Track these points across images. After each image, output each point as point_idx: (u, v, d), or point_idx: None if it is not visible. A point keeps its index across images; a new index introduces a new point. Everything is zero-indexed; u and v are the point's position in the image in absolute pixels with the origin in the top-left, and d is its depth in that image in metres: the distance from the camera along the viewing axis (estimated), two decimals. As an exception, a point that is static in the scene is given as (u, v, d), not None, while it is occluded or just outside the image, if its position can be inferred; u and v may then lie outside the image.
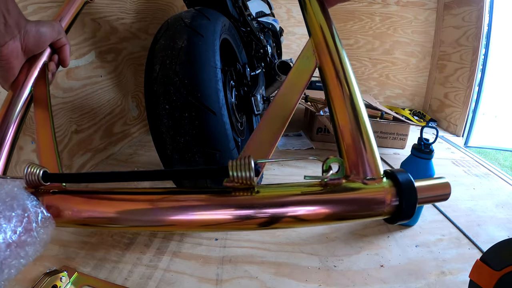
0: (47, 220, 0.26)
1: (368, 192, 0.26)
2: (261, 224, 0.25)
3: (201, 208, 0.26)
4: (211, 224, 0.26)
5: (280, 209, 0.25)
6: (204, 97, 0.62)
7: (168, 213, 0.26)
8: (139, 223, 0.27)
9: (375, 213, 0.26)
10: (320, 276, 0.69)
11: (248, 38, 1.13)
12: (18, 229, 0.22)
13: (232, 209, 0.25)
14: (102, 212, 0.28)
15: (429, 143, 0.81)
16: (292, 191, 0.26)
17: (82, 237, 0.77)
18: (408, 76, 2.27)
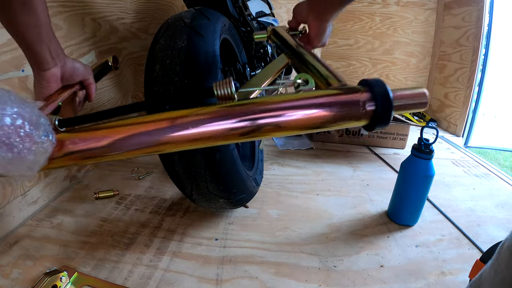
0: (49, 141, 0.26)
1: (343, 95, 0.27)
2: (244, 132, 0.26)
3: (191, 122, 0.27)
4: (199, 137, 0.27)
5: (259, 115, 0.26)
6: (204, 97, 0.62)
7: (161, 132, 0.27)
8: (134, 147, 0.28)
9: (353, 116, 0.27)
10: (320, 276, 0.69)
11: (248, 38, 1.13)
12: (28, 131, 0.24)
13: (217, 118, 0.26)
14: (99, 140, 0.28)
15: (429, 143, 0.81)
16: (269, 99, 0.27)
17: (82, 237, 0.77)
18: (408, 76, 2.27)
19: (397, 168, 1.14)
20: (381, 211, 0.95)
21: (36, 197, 0.86)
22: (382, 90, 0.28)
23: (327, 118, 0.26)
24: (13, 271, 0.65)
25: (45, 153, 0.26)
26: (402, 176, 0.87)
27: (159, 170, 1.13)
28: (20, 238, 0.75)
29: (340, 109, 0.26)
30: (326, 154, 1.40)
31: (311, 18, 0.57)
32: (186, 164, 0.66)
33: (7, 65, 0.73)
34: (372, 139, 1.52)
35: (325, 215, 0.92)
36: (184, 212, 0.90)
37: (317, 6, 0.56)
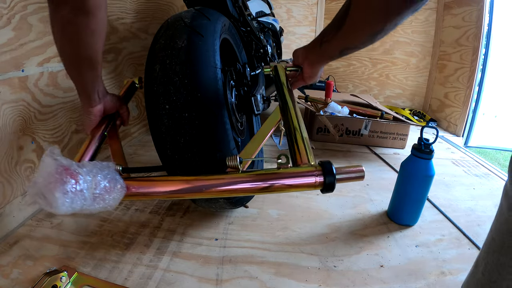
0: (122, 188, 0.41)
1: (305, 171, 0.41)
2: (242, 190, 0.43)
3: (211, 182, 0.44)
4: (214, 190, 0.43)
5: (249, 182, 0.43)
6: (204, 97, 0.62)
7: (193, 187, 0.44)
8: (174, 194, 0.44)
9: (310, 186, 0.41)
10: (320, 276, 0.69)
11: (248, 38, 1.13)
12: (105, 185, 0.38)
13: (226, 181, 0.43)
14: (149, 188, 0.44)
15: (429, 143, 0.81)
16: (257, 173, 0.43)
17: (82, 237, 0.77)
18: (408, 76, 2.27)
19: (397, 168, 1.14)
20: (381, 211, 0.95)
21: (36, 197, 0.86)
22: (329, 169, 0.41)
23: (294, 186, 0.42)
24: (13, 271, 0.65)
25: (120, 196, 0.40)
26: (402, 176, 0.87)
27: (159, 170, 1.13)
28: (20, 238, 0.75)
29: (303, 181, 0.41)
30: (326, 154, 1.40)
31: (306, 64, 0.69)
32: (186, 164, 0.66)
33: (7, 65, 0.73)
34: (372, 139, 1.53)
35: (325, 215, 0.92)
36: (184, 212, 0.90)
37: (311, 56, 0.68)
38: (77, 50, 0.49)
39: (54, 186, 0.33)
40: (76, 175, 0.34)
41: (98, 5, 0.45)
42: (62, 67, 0.55)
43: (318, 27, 2.11)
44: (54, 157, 0.35)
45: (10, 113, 0.75)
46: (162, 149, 0.66)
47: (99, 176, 0.37)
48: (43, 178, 0.33)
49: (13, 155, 0.77)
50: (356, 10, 0.52)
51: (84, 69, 0.52)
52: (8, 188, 0.76)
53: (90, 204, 0.36)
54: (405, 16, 0.48)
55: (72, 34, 0.45)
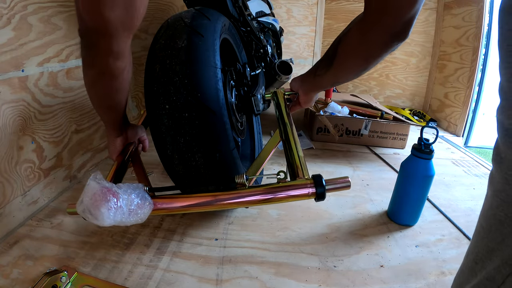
0: (150, 204, 0.48)
1: (300, 185, 0.49)
2: (249, 202, 0.50)
3: (223, 197, 0.51)
4: (226, 203, 0.51)
5: (255, 195, 0.50)
6: (204, 97, 0.62)
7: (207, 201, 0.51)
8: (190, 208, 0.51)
9: (304, 196, 0.49)
10: (320, 276, 0.69)
11: (248, 38, 1.13)
12: (138, 202, 0.46)
13: (235, 196, 0.50)
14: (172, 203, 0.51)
15: (429, 143, 0.81)
16: (261, 188, 0.50)
17: (82, 237, 0.77)
18: (408, 76, 2.27)
19: (397, 168, 1.14)
20: (381, 211, 0.95)
21: (36, 197, 0.87)
22: (319, 182, 0.48)
23: (291, 197, 0.49)
24: (13, 271, 0.65)
25: (149, 211, 0.48)
26: (402, 176, 0.87)
27: (159, 170, 1.13)
28: (20, 238, 0.75)
29: (298, 192, 0.49)
30: (326, 154, 1.40)
31: (301, 91, 0.79)
32: (186, 164, 0.66)
33: (7, 65, 0.74)
34: (372, 139, 1.53)
35: (325, 215, 0.92)
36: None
37: (305, 85, 0.77)
38: (103, 102, 0.56)
39: (100, 203, 0.40)
40: (116, 195, 0.42)
41: (121, 69, 0.51)
42: (62, 67, 0.56)
43: (318, 27, 2.11)
44: (97, 181, 0.43)
45: (10, 113, 0.76)
46: (162, 149, 0.66)
47: (133, 195, 0.45)
48: (89, 198, 0.41)
49: (13, 155, 0.77)
50: (342, 56, 0.61)
51: (109, 113, 0.59)
52: (8, 188, 0.76)
53: (127, 218, 0.44)
54: (384, 57, 0.56)
55: (98, 91, 0.53)
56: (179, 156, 0.65)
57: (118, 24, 0.43)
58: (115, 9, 0.41)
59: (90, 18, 0.42)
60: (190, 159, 0.64)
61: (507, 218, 0.30)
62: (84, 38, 0.46)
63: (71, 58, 0.95)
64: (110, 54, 0.47)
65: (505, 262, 0.29)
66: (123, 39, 0.47)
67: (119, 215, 0.42)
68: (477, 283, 0.33)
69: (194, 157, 0.64)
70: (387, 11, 0.48)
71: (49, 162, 0.91)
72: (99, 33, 0.44)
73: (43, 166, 0.88)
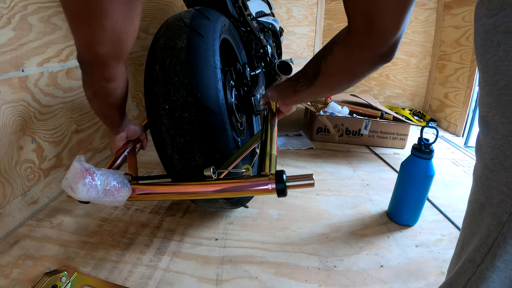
0: (129, 190, 0.53)
1: (261, 181, 0.50)
2: (214, 193, 0.53)
3: (191, 189, 0.54)
4: (194, 193, 0.54)
5: (219, 187, 0.52)
6: (204, 97, 0.62)
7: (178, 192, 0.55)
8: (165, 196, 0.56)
9: (265, 191, 0.50)
10: (320, 276, 0.69)
11: (248, 38, 1.13)
12: (114, 185, 0.51)
13: (201, 188, 0.54)
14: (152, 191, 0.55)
15: (429, 143, 0.81)
16: (225, 181, 0.53)
17: (82, 237, 0.77)
18: (408, 76, 2.27)
19: (397, 168, 1.14)
20: (381, 211, 0.95)
21: (36, 197, 0.87)
22: (279, 177, 0.49)
23: (253, 191, 0.51)
24: (13, 271, 0.65)
25: (127, 195, 0.52)
26: (402, 176, 0.87)
27: (159, 170, 1.13)
28: (20, 238, 0.75)
29: (259, 187, 0.50)
30: (326, 154, 1.40)
31: (280, 103, 0.78)
32: (186, 164, 0.66)
33: (7, 65, 0.74)
34: (372, 139, 1.53)
35: (325, 215, 0.92)
36: (184, 212, 0.90)
37: (284, 98, 0.75)
38: (101, 112, 0.63)
39: (78, 180, 0.47)
40: (92, 174, 0.48)
41: (114, 89, 0.57)
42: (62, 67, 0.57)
43: (318, 27, 2.11)
44: (80, 162, 0.49)
45: (10, 113, 0.76)
46: (162, 149, 0.66)
47: (110, 177, 0.51)
48: (71, 175, 0.48)
49: (13, 155, 0.77)
50: (325, 75, 0.60)
51: (108, 120, 0.65)
52: (8, 188, 0.76)
53: (102, 196, 0.49)
54: (368, 74, 0.57)
55: (95, 105, 0.60)
56: (179, 156, 0.65)
57: (107, 56, 0.49)
58: (105, 45, 0.47)
59: (84, 51, 0.49)
60: (190, 159, 0.64)
61: (487, 201, 0.31)
62: (81, 64, 0.52)
63: (71, 58, 0.95)
64: (103, 78, 0.53)
65: (483, 242, 0.30)
66: (113, 66, 0.52)
67: (93, 192, 0.48)
68: (461, 265, 0.34)
69: (194, 157, 0.64)
70: (372, 34, 0.48)
71: (49, 162, 0.91)
72: (92, 63, 0.50)
73: (43, 166, 0.88)
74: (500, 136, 0.28)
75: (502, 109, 0.28)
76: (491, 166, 0.30)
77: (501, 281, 0.29)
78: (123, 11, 0.44)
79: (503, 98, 0.27)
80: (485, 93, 0.30)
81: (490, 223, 0.30)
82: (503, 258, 0.29)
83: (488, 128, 0.30)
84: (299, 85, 0.67)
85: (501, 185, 0.29)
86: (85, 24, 0.43)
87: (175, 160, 0.66)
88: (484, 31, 0.29)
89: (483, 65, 0.30)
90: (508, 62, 0.26)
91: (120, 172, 0.54)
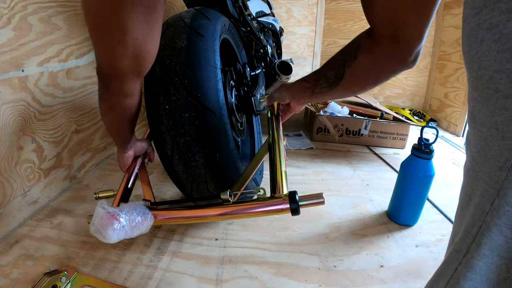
0: (151, 218, 0.55)
1: (276, 202, 0.54)
2: (232, 216, 0.56)
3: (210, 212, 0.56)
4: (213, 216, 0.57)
5: (237, 210, 0.55)
6: (204, 97, 0.62)
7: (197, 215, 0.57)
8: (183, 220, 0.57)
9: (281, 210, 0.53)
10: (320, 276, 0.69)
11: (248, 38, 1.13)
12: (139, 220, 0.53)
13: (220, 211, 0.56)
14: (171, 216, 0.57)
15: (429, 143, 0.81)
16: (243, 204, 0.55)
17: (82, 237, 0.77)
18: (408, 76, 2.27)
19: (397, 168, 1.14)
20: (381, 211, 0.95)
21: (36, 197, 0.87)
22: (293, 198, 0.52)
23: (269, 212, 0.54)
24: (13, 271, 0.65)
25: (150, 224, 0.55)
26: (402, 176, 0.87)
27: (159, 170, 1.13)
28: (20, 238, 0.75)
29: (275, 208, 0.54)
30: (326, 154, 1.40)
31: (294, 103, 0.79)
32: (186, 164, 0.66)
33: (7, 65, 0.74)
34: (372, 139, 1.53)
35: (325, 215, 0.92)
36: (184, 212, 0.90)
37: (300, 98, 0.75)
38: (113, 128, 0.63)
39: (106, 226, 0.49)
40: (118, 217, 0.51)
41: (130, 105, 0.57)
42: (62, 67, 0.57)
43: (318, 27, 2.11)
44: (103, 206, 0.51)
45: (10, 113, 0.76)
46: (162, 149, 0.67)
47: (134, 214, 0.53)
48: (97, 222, 0.50)
49: (13, 155, 0.77)
50: (350, 80, 0.61)
51: (118, 136, 0.65)
52: (8, 188, 0.76)
53: (130, 233, 0.53)
54: (391, 78, 0.59)
55: (109, 119, 0.59)
56: (179, 156, 0.65)
57: (128, 71, 0.50)
58: (125, 60, 0.47)
59: (104, 65, 0.49)
60: (190, 159, 0.64)
61: (473, 192, 0.31)
62: (99, 77, 0.53)
63: (71, 58, 0.95)
64: (121, 93, 0.54)
65: (468, 232, 0.31)
66: (132, 82, 0.53)
67: (122, 233, 0.51)
68: (448, 256, 0.35)
69: (194, 157, 0.64)
70: (399, 43, 0.51)
71: (49, 162, 0.91)
72: (112, 76, 0.51)
73: (43, 166, 0.88)
74: (485, 129, 0.29)
75: (486, 102, 0.29)
76: (477, 158, 0.31)
77: (488, 267, 0.30)
78: (145, 28, 0.45)
79: (487, 92, 0.28)
80: (472, 88, 0.32)
81: (474, 213, 0.31)
82: (489, 246, 0.29)
83: (475, 122, 0.31)
84: (319, 87, 0.66)
85: (485, 176, 0.29)
86: (106, 38, 0.44)
87: (175, 160, 0.66)
88: (469, 29, 0.30)
89: (469, 62, 0.31)
90: (491, 56, 0.27)
91: (139, 204, 0.56)
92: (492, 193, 0.28)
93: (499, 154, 0.27)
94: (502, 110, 0.27)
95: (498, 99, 0.27)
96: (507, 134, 0.27)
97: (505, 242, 0.28)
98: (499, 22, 0.26)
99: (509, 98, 0.26)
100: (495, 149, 0.28)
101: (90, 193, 0.97)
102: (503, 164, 0.27)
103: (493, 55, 0.27)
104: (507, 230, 0.28)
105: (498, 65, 0.27)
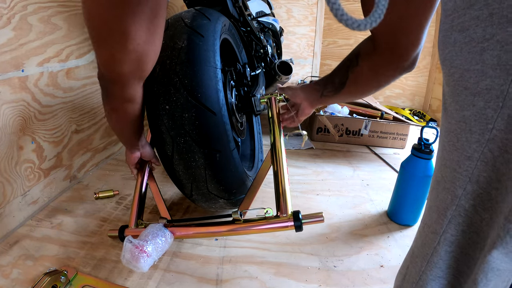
0: (171, 237, 0.63)
1: (281, 220, 0.61)
2: (242, 232, 0.62)
3: (223, 229, 0.63)
4: (225, 232, 0.63)
5: (247, 228, 0.61)
6: (204, 97, 0.62)
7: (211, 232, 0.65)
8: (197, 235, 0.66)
9: (286, 227, 0.60)
10: (320, 276, 0.69)
11: (248, 38, 1.13)
12: (162, 243, 0.61)
13: (233, 227, 0.62)
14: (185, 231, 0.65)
15: (429, 143, 0.81)
16: (252, 223, 0.62)
17: (82, 237, 0.77)
18: (408, 76, 2.27)
19: (397, 168, 1.14)
20: (381, 211, 0.95)
21: (36, 197, 0.87)
22: (297, 216, 0.60)
23: (275, 229, 0.61)
24: (13, 271, 0.65)
25: (171, 241, 0.62)
26: (402, 176, 0.87)
27: (159, 170, 1.13)
28: (20, 238, 0.75)
29: (281, 225, 0.60)
30: (326, 154, 1.40)
31: (306, 104, 0.79)
32: (186, 164, 0.66)
33: (7, 65, 0.74)
34: (372, 139, 1.53)
35: (325, 215, 0.92)
36: (184, 212, 0.90)
37: (311, 100, 0.77)
38: (117, 129, 0.64)
39: (137, 259, 0.56)
40: (145, 249, 0.57)
41: (132, 109, 0.58)
42: (62, 67, 0.56)
43: (318, 27, 2.11)
44: (130, 242, 0.57)
45: (10, 113, 0.76)
46: (162, 149, 0.67)
47: (157, 240, 0.60)
48: (128, 256, 0.56)
49: (13, 155, 0.77)
50: (352, 86, 0.65)
51: (124, 137, 0.67)
52: (8, 188, 0.76)
53: (158, 256, 0.59)
54: (392, 82, 0.62)
55: (113, 121, 0.61)
56: (179, 156, 0.65)
57: (129, 76, 0.50)
58: (126, 65, 0.47)
59: (106, 70, 0.49)
60: (190, 160, 0.64)
61: (442, 178, 0.34)
62: (100, 81, 0.53)
63: (71, 58, 0.95)
64: (122, 98, 0.55)
65: (441, 214, 0.34)
66: (134, 86, 0.53)
67: (151, 260, 0.57)
68: (424, 237, 0.37)
69: (194, 157, 0.64)
70: (397, 51, 0.54)
71: (49, 162, 0.91)
72: (113, 82, 0.51)
73: (43, 166, 0.88)
74: (454, 121, 0.32)
75: (456, 97, 0.31)
76: (447, 147, 0.34)
77: (464, 240, 0.33)
78: (146, 34, 0.45)
79: (457, 88, 0.31)
80: (445, 83, 0.34)
81: (445, 198, 0.34)
82: (466, 223, 0.32)
83: (446, 114, 0.34)
84: (326, 91, 0.71)
85: (454, 164, 0.32)
86: (108, 44, 0.44)
87: (175, 160, 0.66)
88: (444, 29, 0.33)
89: (443, 59, 0.34)
90: (462, 56, 0.30)
91: (159, 226, 0.63)
92: (462, 180, 0.31)
93: (467, 145, 0.30)
94: (470, 106, 0.30)
95: (467, 96, 0.30)
96: (474, 128, 0.29)
97: (480, 221, 0.31)
98: (469, 26, 0.29)
99: (476, 96, 0.29)
100: (463, 141, 0.31)
101: (90, 193, 0.97)
102: (471, 154, 0.30)
103: (464, 56, 0.30)
104: (482, 211, 0.31)
105: (468, 65, 0.29)
